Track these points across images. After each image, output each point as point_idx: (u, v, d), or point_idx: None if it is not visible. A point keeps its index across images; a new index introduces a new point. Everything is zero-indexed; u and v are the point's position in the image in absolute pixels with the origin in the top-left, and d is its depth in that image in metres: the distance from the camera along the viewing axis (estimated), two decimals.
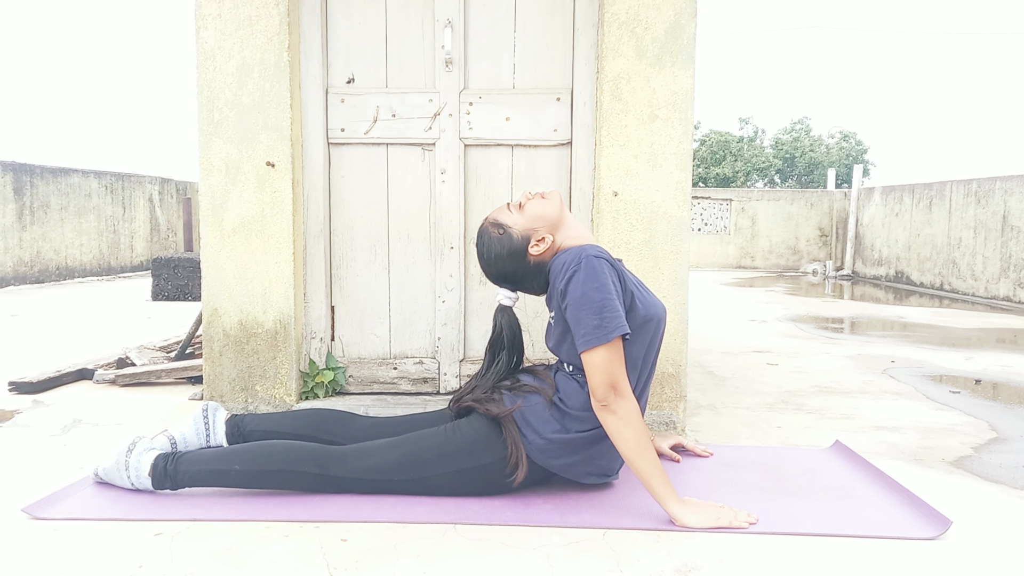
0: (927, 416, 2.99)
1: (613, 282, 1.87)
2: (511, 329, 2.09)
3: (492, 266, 2.06)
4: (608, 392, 1.81)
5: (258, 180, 2.80)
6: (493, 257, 2.04)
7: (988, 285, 8.16)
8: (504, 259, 2.03)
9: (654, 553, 1.69)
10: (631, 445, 1.80)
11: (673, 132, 2.78)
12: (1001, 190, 8.03)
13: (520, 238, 2.01)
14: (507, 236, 2.02)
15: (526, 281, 2.06)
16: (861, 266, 11.34)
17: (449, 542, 1.74)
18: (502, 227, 2.03)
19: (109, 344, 4.46)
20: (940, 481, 2.22)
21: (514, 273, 2.05)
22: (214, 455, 1.98)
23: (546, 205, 2.04)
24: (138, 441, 2.02)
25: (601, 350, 1.81)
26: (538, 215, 2.02)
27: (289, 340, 2.84)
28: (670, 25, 2.75)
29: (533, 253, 2.01)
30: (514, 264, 2.03)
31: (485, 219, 2.09)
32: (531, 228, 2.01)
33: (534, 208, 2.03)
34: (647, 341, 1.96)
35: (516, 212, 2.04)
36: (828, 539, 1.78)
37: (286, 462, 1.94)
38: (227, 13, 2.76)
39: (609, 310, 1.82)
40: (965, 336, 5.33)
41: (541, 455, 1.93)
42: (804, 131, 24.83)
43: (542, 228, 2.02)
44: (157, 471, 1.95)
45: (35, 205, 8.85)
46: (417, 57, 2.95)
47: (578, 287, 1.85)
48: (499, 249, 2.03)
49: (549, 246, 2.01)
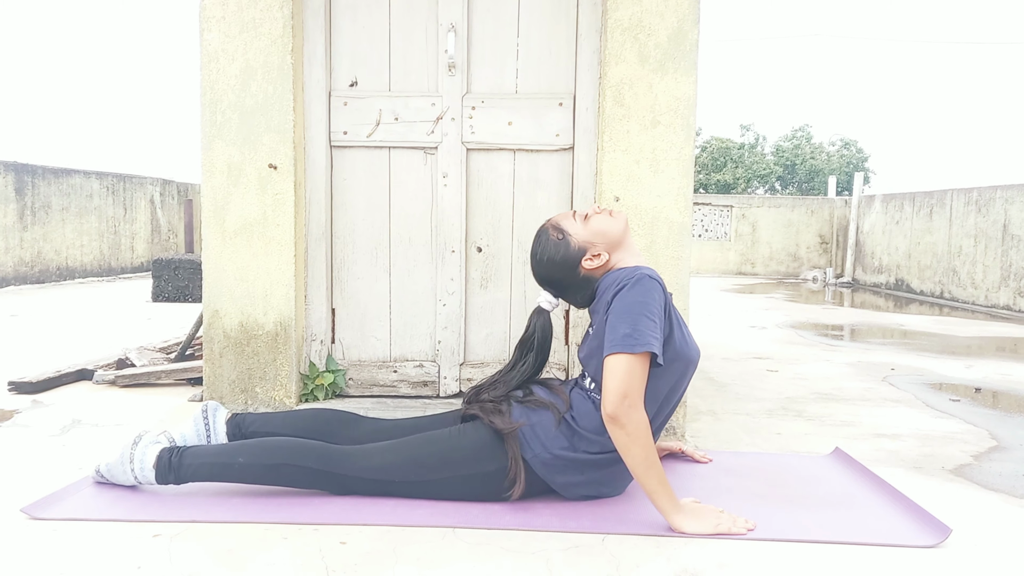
0: (927, 424, 2.99)
1: (659, 306, 1.85)
2: (543, 333, 2.08)
3: (542, 268, 2.05)
4: (619, 402, 1.76)
5: (260, 182, 2.81)
6: (545, 260, 2.03)
7: (988, 294, 8.16)
8: (555, 265, 2.02)
9: (654, 559, 1.69)
10: (638, 461, 1.79)
11: (675, 138, 2.79)
12: (1002, 199, 8.04)
13: (577, 249, 2.00)
14: (564, 243, 2.00)
15: (571, 291, 2.05)
16: (861, 273, 11.35)
17: (449, 546, 1.74)
18: (562, 233, 2.02)
19: (109, 345, 4.46)
20: (940, 489, 2.22)
21: (561, 280, 2.04)
22: (219, 449, 1.98)
23: (611, 223, 2.02)
24: (143, 435, 2.02)
25: (625, 358, 1.78)
26: (600, 231, 2.01)
27: (289, 342, 2.84)
28: (673, 31, 2.76)
29: (585, 266, 2.00)
30: (564, 272, 2.02)
31: (548, 220, 2.07)
32: (590, 242, 2.00)
33: (598, 223, 2.02)
34: (674, 379, 1.94)
35: (580, 222, 2.02)
36: (828, 546, 1.78)
37: (290, 457, 1.93)
38: (231, 16, 2.77)
39: (646, 325, 1.80)
40: (965, 344, 5.33)
41: (545, 469, 1.92)
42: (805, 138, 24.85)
43: (600, 244, 2.00)
44: (161, 464, 1.94)
45: (36, 205, 8.85)
46: (420, 61, 2.95)
47: (625, 298, 1.84)
48: (553, 254, 2.01)
49: (603, 264, 2.00)
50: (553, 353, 3.04)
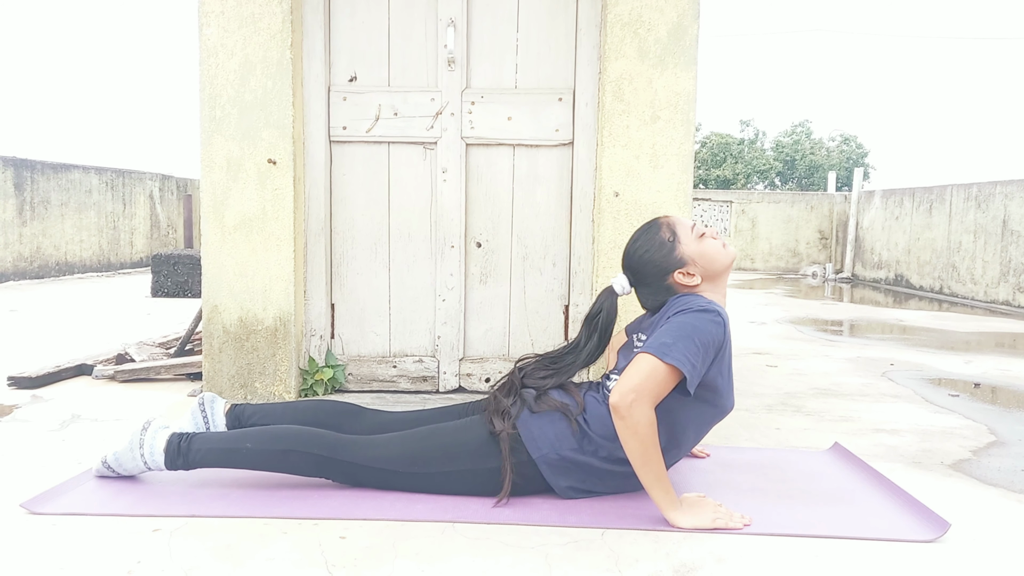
0: (926, 419, 2.99)
1: (713, 342, 1.84)
2: (608, 314, 2.05)
3: (635, 257, 2.02)
4: (626, 395, 1.75)
5: (259, 177, 2.80)
6: (643, 252, 2.01)
7: (988, 289, 8.17)
8: (650, 261, 1.99)
9: (653, 553, 1.69)
10: (635, 455, 1.79)
11: (675, 133, 2.78)
12: (1001, 194, 8.04)
13: (678, 258, 1.98)
14: (670, 246, 1.99)
15: (648, 290, 2.03)
16: (861, 269, 11.35)
17: (448, 540, 1.74)
18: (674, 236, 1.99)
19: (108, 340, 4.45)
20: (939, 484, 2.22)
21: (646, 277, 2.01)
22: (227, 435, 1.99)
23: (720, 253, 2.01)
24: (151, 421, 2.03)
25: (653, 360, 1.77)
26: (708, 255, 1.99)
27: (289, 337, 2.84)
28: (673, 27, 2.75)
29: (676, 278, 1.98)
30: (653, 271, 2.00)
31: (666, 216, 2.05)
32: (693, 259, 1.98)
33: (710, 247, 2.00)
34: (699, 421, 1.93)
35: (694, 236, 2.00)
36: (826, 541, 1.78)
37: (297, 444, 1.94)
38: (230, 10, 2.76)
39: (688, 346, 1.78)
40: (964, 340, 5.33)
41: (550, 471, 1.92)
42: (805, 134, 24.84)
43: (700, 266, 1.99)
44: (171, 448, 1.95)
45: (35, 200, 8.84)
46: (420, 56, 2.95)
47: (683, 318, 1.84)
48: (654, 250, 1.99)
49: (692, 285, 1.99)
50: (553, 348, 3.04)
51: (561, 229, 3.01)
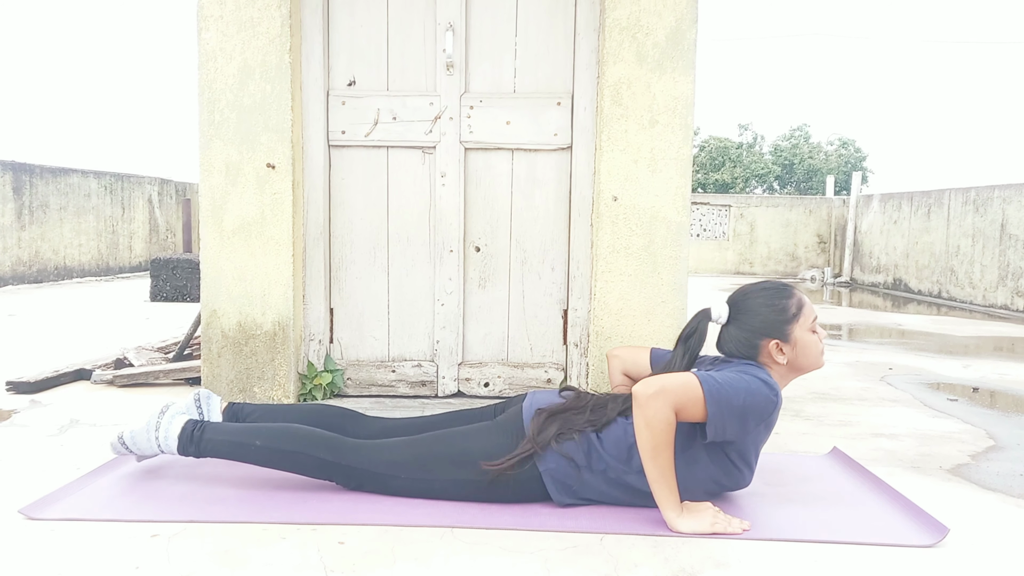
0: (925, 423, 2.99)
1: (756, 414, 1.84)
2: (699, 336, 2.04)
3: (750, 300, 2.01)
4: (652, 386, 1.77)
5: (258, 182, 2.80)
6: (762, 302, 2.00)
7: (986, 293, 8.17)
8: (761, 314, 1.98)
9: (651, 558, 1.69)
10: (645, 448, 1.79)
11: (673, 137, 2.79)
12: (999, 198, 8.05)
13: (786, 331, 1.97)
14: (787, 318, 1.97)
15: (736, 336, 2.01)
16: (859, 273, 11.36)
17: (447, 545, 1.74)
18: (797, 313, 1.98)
19: (107, 344, 4.45)
20: (938, 489, 2.22)
21: (746, 323, 2.00)
22: (239, 429, 2.03)
23: (817, 356, 2.01)
24: (170, 405, 2.07)
25: (694, 380, 1.80)
26: (808, 351, 1.99)
27: (288, 342, 2.84)
28: (671, 31, 2.76)
29: (767, 346, 1.98)
30: (757, 324, 1.98)
31: (800, 293, 2.04)
32: (795, 343, 1.98)
33: (814, 345, 1.99)
34: (712, 479, 1.93)
35: (810, 325, 2.00)
36: (825, 546, 1.78)
37: (306, 445, 1.96)
38: (229, 15, 2.76)
39: (731, 399, 1.78)
40: (963, 344, 5.33)
41: (554, 485, 1.92)
42: (803, 138, 24.86)
43: (795, 352, 1.98)
44: (184, 435, 1.99)
45: (34, 205, 8.84)
46: (418, 60, 2.95)
47: (748, 378, 1.85)
48: (772, 308, 1.98)
49: (772, 361, 1.98)
50: (552, 353, 3.04)
51: (560, 233, 3.02)
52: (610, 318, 2.85)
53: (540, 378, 3.04)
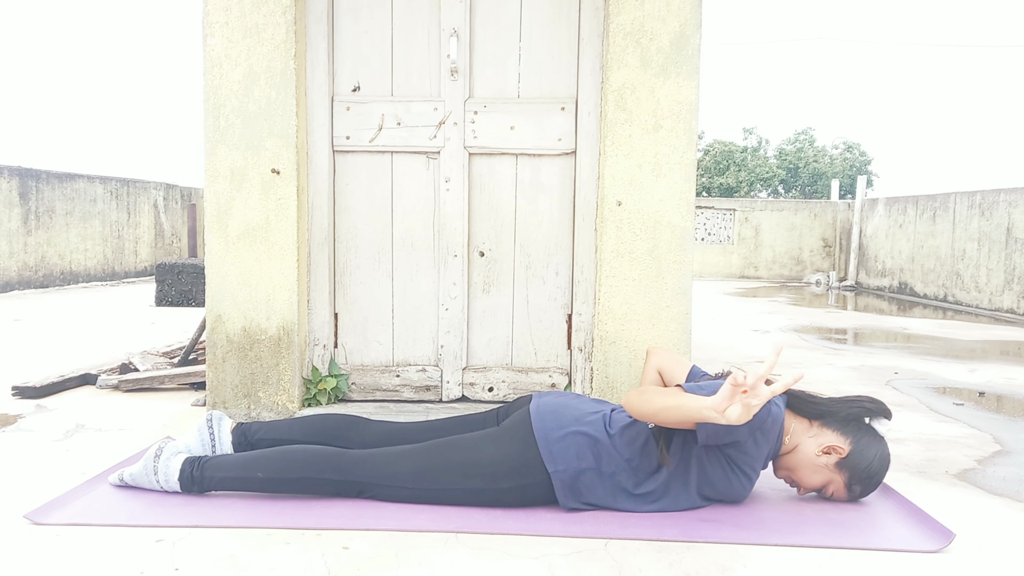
0: (930, 428, 2.98)
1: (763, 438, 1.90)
2: None
3: (861, 461, 2.00)
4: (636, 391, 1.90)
5: (263, 187, 2.81)
6: (866, 465, 2.00)
7: (992, 297, 8.15)
8: (849, 447, 1.99)
9: (656, 564, 1.69)
10: (647, 413, 1.83)
11: (677, 142, 2.79)
12: (1005, 202, 8.03)
13: (839, 469, 2.00)
14: (855, 473, 2.00)
15: (817, 422, 2.01)
16: (864, 277, 11.33)
17: (451, 551, 1.74)
18: (861, 488, 2.03)
19: (112, 349, 4.46)
20: (943, 494, 2.21)
21: (830, 424, 2.00)
22: (238, 462, 2.02)
23: (798, 477, 2.04)
24: (164, 447, 2.06)
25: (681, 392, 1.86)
26: (800, 466, 2.01)
27: (292, 347, 2.85)
28: (675, 36, 2.76)
29: (823, 449, 1.98)
30: (834, 437, 1.99)
31: (884, 481, 2.08)
32: (834, 474, 2.00)
33: (807, 469, 2.01)
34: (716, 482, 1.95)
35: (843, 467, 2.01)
36: (831, 551, 1.77)
37: (309, 469, 1.97)
38: (234, 21, 2.78)
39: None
40: (969, 348, 5.31)
41: (563, 488, 1.93)
42: (808, 142, 24.83)
43: (834, 463, 1.99)
44: (184, 476, 2.00)
45: (40, 210, 8.87)
46: (422, 66, 2.96)
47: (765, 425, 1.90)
48: (864, 455, 1.99)
49: (827, 453, 1.99)
50: (556, 357, 3.04)
51: (564, 238, 3.02)
52: (614, 323, 2.84)
53: (544, 383, 3.04)
